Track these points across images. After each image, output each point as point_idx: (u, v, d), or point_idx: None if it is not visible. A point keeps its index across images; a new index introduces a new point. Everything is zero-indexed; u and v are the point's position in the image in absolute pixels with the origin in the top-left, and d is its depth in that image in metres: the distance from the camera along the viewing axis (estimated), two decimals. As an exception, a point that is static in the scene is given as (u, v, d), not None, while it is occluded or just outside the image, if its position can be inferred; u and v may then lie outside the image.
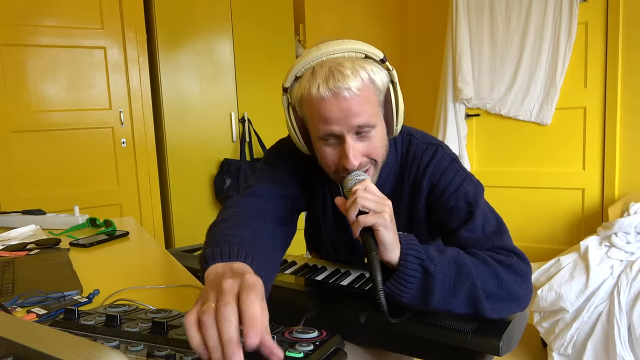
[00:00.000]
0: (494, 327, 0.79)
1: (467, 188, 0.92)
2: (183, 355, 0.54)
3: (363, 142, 0.87)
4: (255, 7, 2.98)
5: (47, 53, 2.49)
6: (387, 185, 0.98)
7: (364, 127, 0.85)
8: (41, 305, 0.80)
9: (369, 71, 0.85)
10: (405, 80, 3.76)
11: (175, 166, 2.83)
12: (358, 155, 0.86)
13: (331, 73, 0.82)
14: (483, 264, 0.83)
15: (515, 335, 0.83)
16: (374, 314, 0.85)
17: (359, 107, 0.83)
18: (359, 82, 0.83)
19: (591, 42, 2.69)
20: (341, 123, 0.83)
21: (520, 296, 0.84)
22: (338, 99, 0.82)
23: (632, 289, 1.70)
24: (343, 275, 1.08)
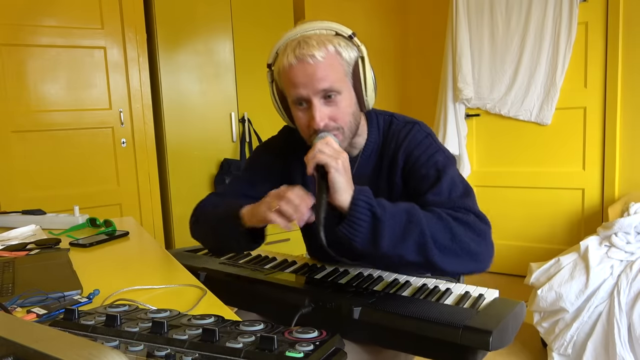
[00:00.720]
0: (486, 323, 0.80)
1: (437, 157, 0.99)
2: (183, 355, 0.54)
3: (330, 107, 0.94)
4: (255, 7, 2.98)
5: (47, 53, 2.49)
6: (369, 162, 1.06)
7: (329, 91, 0.93)
8: (41, 305, 0.80)
9: (336, 44, 0.94)
10: (405, 80, 3.76)
11: (175, 166, 2.83)
12: (324, 117, 0.94)
13: (298, 44, 0.93)
14: (437, 218, 0.88)
15: (509, 331, 0.83)
16: (368, 310, 0.87)
17: (323, 72, 0.91)
18: (323, 52, 0.92)
19: (591, 42, 2.69)
20: (307, 87, 0.92)
21: (478, 254, 0.88)
22: (303, 64, 0.92)
23: (632, 289, 1.70)
24: (341, 274, 1.08)
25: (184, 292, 0.91)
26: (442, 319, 0.82)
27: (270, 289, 1.02)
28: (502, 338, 0.80)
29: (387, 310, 0.86)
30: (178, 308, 0.70)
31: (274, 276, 1.08)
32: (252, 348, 0.54)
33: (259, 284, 1.04)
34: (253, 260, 1.23)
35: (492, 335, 0.76)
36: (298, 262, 1.19)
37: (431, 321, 0.82)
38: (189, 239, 2.78)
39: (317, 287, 1.01)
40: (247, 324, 0.61)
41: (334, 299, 0.92)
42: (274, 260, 1.23)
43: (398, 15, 3.73)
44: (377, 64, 4.18)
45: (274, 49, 1.00)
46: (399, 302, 0.90)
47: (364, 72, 0.97)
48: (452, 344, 0.79)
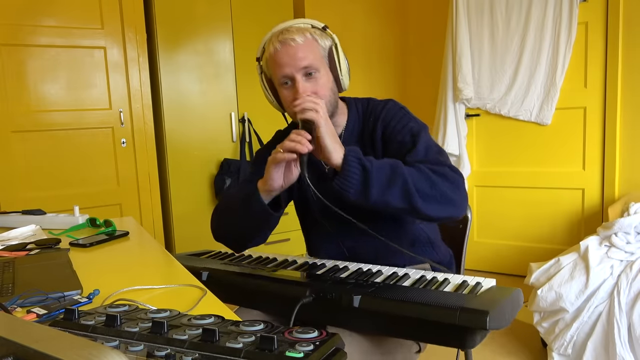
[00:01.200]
0: (482, 305, 0.82)
1: (411, 125, 1.12)
2: (183, 355, 0.54)
3: (310, 83, 1.08)
4: (255, 7, 2.98)
5: (47, 53, 2.49)
6: (352, 138, 1.18)
7: (309, 68, 1.07)
8: (41, 305, 0.80)
9: (312, 33, 1.10)
10: (405, 80, 3.76)
11: (175, 166, 2.83)
12: (306, 89, 1.07)
13: (281, 32, 1.10)
14: (417, 170, 1.00)
15: (506, 314, 0.85)
16: (368, 298, 0.89)
17: (303, 52, 1.06)
18: (302, 37, 1.07)
19: (591, 42, 2.69)
20: (290, 65, 1.07)
21: (454, 200, 1.01)
22: (286, 46, 1.07)
23: (632, 289, 1.70)
24: (341, 270, 1.10)
25: (184, 292, 0.91)
26: (440, 302, 0.84)
27: (271, 284, 1.04)
28: (499, 319, 0.82)
29: (387, 297, 0.88)
30: (178, 308, 0.70)
31: (274, 273, 1.09)
32: (252, 348, 0.54)
33: (260, 279, 1.06)
34: (254, 261, 1.24)
35: (489, 315, 0.78)
36: (298, 262, 1.20)
37: (429, 305, 0.84)
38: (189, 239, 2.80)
39: (318, 280, 1.03)
40: (247, 324, 0.61)
41: (335, 290, 0.94)
42: (275, 260, 1.23)
43: (398, 15, 3.73)
44: (377, 64, 4.18)
45: (261, 44, 1.16)
46: (398, 291, 0.92)
47: (337, 56, 1.11)
48: (450, 326, 0.81)
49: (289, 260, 1.21)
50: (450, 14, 3.06)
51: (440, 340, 0.87)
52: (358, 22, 3.57)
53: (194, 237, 2.89)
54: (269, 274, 1.07)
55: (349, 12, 3.53)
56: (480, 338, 0.84)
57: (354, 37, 3.55)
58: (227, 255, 1.33)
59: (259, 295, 1.06)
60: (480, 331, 0.82)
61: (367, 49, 3.60)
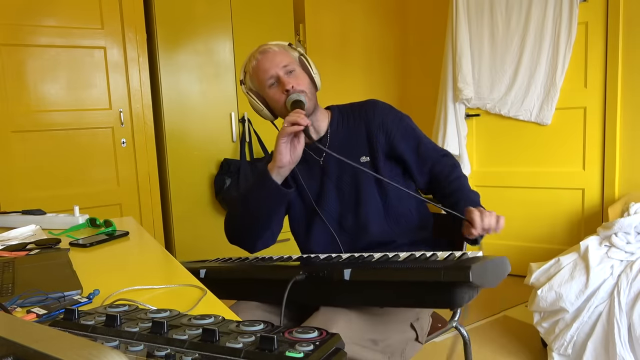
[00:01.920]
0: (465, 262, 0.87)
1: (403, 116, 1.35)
2: (183, 355, 0.54)
3: (291, 77, 1.25)
4: (255, 7, 2.98)
5: (47, 53, 2.49)
6: (340, 128, 1.34)
7: (288, 66, 1.26)
8: (41, 305, 0.80)
9: (282, 45, 1.31)
10: (405, 80, 3.76)
11: (175, 166, 2.83)
12: (291, 82, 1.24)
13: (259, 48, 1.31)
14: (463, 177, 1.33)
15: (490, 273, 0.90)
16: (358, 270, 0.93)
17: (281, 56, 1.27)
18: (277, 47, 1.29)
19: (591, 42, 2.69)
20: (273, 67, 1.25)
21: None
22: (266, 54, 1.27)
23: (632, 289, 1.70)
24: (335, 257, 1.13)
25: (184, 292, 0.91)
26: (425, 266, 0.89)
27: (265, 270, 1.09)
28: (483, 275, 0.85)
29: (376, 268, 0.93)
30: (178, 308, 0.70)
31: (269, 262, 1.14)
32: (252, 348, 0.54)
33: (255, 269, 1.10)
34: (253, 260, 1.25)
35: (472, 269, 0.82)
36: (294, 257, 1.22)
37: (415, 269, 0.89)
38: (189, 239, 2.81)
39: (310, 262, 1.07)
40: (247, 324, 0.61)
41: (326, 268, 0.98)
42: (271, 259, 1.25)
43: (398, 15, 3.73)
44: (377, 64, 4.18)
45: (242, 68, 1.37)
46: (387, 263, 0.97)
47: (306, 59, 1.30)
48: (437, 285, 0.85)
49: (284, 257, 1.23)
50: (450, 14, 3.06)
51: (429, 302, 0.92)
52: (358, 22, 3.57)
53: (193, 237, 2.89)
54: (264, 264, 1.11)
55: (348, 13, 3.53)
56: (468, 297, 0.88)
57: (353, 37, 3.55)
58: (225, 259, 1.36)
59: (255, 284, 1.11)
60: (467, 289, 0.86)
61: (367, 49, 3.60)
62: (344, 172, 1.29)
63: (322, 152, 1.31)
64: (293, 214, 1.37)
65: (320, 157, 1.31)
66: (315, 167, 1.32)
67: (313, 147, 1.31)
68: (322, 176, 1.31)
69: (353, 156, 1.27)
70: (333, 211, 1.30)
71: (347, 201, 1.29)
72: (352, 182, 1.29)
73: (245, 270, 1.11)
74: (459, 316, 1.34)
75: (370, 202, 1.27)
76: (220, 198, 2.89)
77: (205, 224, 2.93)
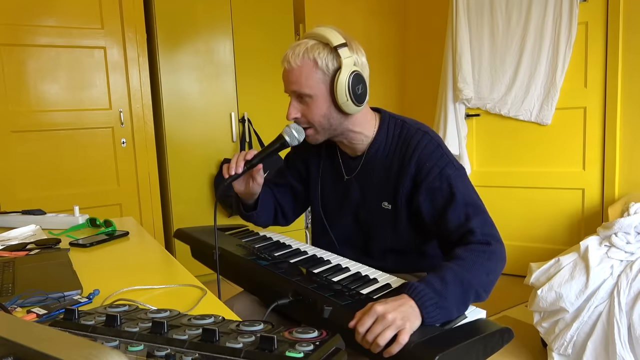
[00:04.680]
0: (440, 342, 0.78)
1: (449, 172, 1.07)
2: (183, 355, 0.54)
3: (302, 105, 1.10)
4: (255, 7, 2.98)
5: (47, 53, 2.49)
6: (377, 157, 1.16)
7: (298, 93, 1.08)
8: (41, 305, 0.80)
9: (314, 54, 1.06)
10: (405, 80, 3.76)
11: (175, 166, 2.83)
12: (294, 111, 1.10)
13: (290, 48, 1.09)
14: (475, 265, 0.96)
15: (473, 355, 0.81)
16: (339, 311, 0.87)
17: (294, 77, 1.07)
18: (299, 60, 1.06)
19: (591, 42, 2.69)
20: (285, 85, 1.10)
21: (499, 271, 1.00)
22: (284, 67, 1.09)
23: (632, 289, 1.70)
24: (340, 270, 1.08)
25: (184, 292, 0.91)
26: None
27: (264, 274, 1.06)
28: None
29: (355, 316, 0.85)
30: (178, 308, 0.70)
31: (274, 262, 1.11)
32: (252, 348, 0.54)
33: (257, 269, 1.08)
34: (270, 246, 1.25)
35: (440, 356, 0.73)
36: (309, 253, 1.19)
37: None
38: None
39: (307, 280, 1.01)
40: (247, 324, 0.61)
41: (314, 295, 0.93)
42: (289, 247, 1.24)
43: (398, 15, 3.73)
44: (377, 64, 4.17)
45: None
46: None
47: (338, 80, 1.05)
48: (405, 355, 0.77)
49: (300, 250, 1.21)
50: (450, 14, 3.06)
51: None
52: (358, 22, 3.57)
53: (194, 237, 2.89)
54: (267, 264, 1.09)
55: (348, 13, 3.53)
56: None
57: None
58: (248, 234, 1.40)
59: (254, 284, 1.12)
60: None
61: (367, 50, 3.57)
62: (365, 204, 1.20)
63: (351, 171, 1.20)
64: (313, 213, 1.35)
65: (348, 175, 1.22)
66: (340, 183, 1.24)
67: (345, 161, 1.22)
68: (344, 195, 1.23)
69: (376, 197, 1.17)
70: (346, 227, 1.25)
71: (359, 227, 1.23)
72: (370, 217, 1.20)
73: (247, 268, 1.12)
74: None
75: (381, 238, 1.20)
76: (220, 198, 2.90)
77: (205, 224, 2.93)
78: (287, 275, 1.03)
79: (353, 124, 1.14)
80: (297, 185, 1.35)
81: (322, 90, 1.08)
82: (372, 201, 1.17)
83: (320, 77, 1.07)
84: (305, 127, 1.12)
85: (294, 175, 1.34)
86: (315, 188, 1.29)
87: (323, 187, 1.27)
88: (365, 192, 1.18)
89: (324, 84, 1.07)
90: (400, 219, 1.14)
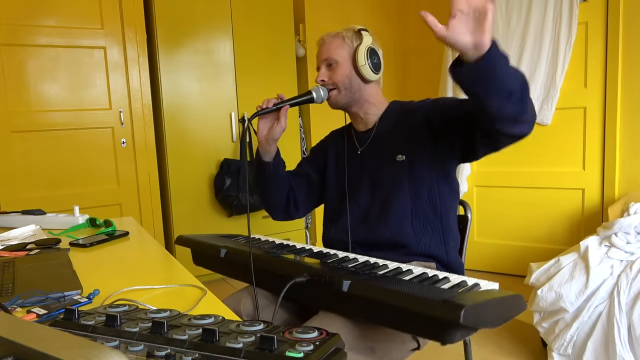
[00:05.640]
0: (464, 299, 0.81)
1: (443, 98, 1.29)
2: (183, 355, 0.54)
3: (329, 71, 1.32)
4: (255, 6, 2.98)
5: (47, 53, 2.49)
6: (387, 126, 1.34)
7: (328, 60, 1.31)
8: (41, 305, 0.80)
9: (343, 34, 1.33)
10: (406, 80, 3.76)
11: (175, 166, 2.83)
12: (323, 75, 1.32)
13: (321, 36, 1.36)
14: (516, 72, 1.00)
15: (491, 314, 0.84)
16: (357, 284, 0.91)
17: (326, 48, 1.32)
18: (332, 38, 1.33)
19: (591, 42, 2.69)
20: (319, 58, 1.34)
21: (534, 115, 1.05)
22: (319, 45, 1.35)
23: (632, 289, 1.70)
24: (349, 261, 1.11)
25: (184, 292, 0.91)
26: (424, 294, 0.83)
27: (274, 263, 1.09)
28: (478, 317, 0.80)
29: (375, 285, 0.89)
30: (178, 308, 0.70)
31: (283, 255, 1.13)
32: (252, 348, 0.54)
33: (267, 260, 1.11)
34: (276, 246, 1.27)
35: (465, 310, 0.76)
36: (314, 251, 1.22)
37: (414, 296, 0.84)
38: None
39: (319, 264, 1.05)
40: (247, 324, 0.61)
41: (329, 274, 0.96)
42: (294, 247, 1.26)
43: (398, 14, 3.73)
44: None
45: None
46: (390, 281, 0.92)
47: (357, 52, 1.30)
48: (430, 318, 0.80)
49: (305, 249, 1.23)
50: (450, 14, 3.06)
51: (421, 332, 0.87)
52: (358, 22, 3.57)
53: (194, 237, 2.89)
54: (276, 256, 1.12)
55: (348, 13, 3.53)
56: (461, 335, 0.83)
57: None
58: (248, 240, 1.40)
59: (264, 274, 1.12)
60: (460, 327, 0.81)
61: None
62: (381, 166, 1.31)
63: (363, 143, 1.36)
64: (327, 200, 1.44)
65: (361, 147, 1.36)
66: (355, 156, 1.37)
67: (358, 136, 1.38)
68: (360, 167, 1.36)
69: (390, 153, 1.29)
70: (363, 202, 1.33)
71: (378, 195, 1.30)
72: (387, 177, 1.29)
73: (256, 259, 1.12)
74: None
75: (400, 199, 1.26)
76: (220, 198, 2.89)
77: (205, 224, 2.93)
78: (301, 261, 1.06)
79: (369, 95, 1.34)
80: (313, 175, 1.46)
81: (346, 57, 1.31)
82: (386, 158, 1.29)
83: (346, 49, 1.31)
84: (330, 88, 1.30)
85: (312, 165, 1.47)
86: (333, 167, 1.42)
87: (339, 164, 1.41)
88: (378, 155, 1.31)
89: (347, 53, 1.31)
90: (415, 169, 1.25)
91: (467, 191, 3.13)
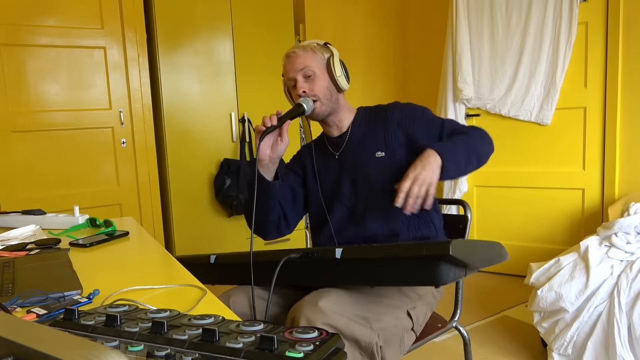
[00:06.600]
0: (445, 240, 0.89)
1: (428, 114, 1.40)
2: (183, 355, 0.54)
3: (308, 82, 1.34)
4: (255, 7, 2.98)
5: (47, 53, 2.49)
6: (360, 127, 1.42)
7: (305, 70, 1.33)
8: (41, 305, 0.80)
9: (312, 47, 1.37)
10: (406, 80, 3.76)
11: (175, 166, 2.83)
12: (303, 87, 1.33)
13: (289, 50, 1.39)
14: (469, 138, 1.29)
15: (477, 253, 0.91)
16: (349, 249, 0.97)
17: (301, 59, 1.34)
18: (302, 50, 1.36)
19: (591, 42, 2.69)
20: (292, 71, 1.35)
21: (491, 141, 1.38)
22: (290, 58, 1.36)
23: (632, 289, 1.70)
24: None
25: (184, 292, 0.91)
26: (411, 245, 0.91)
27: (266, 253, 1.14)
28: (467, 253, 0.86)
29: (366, 247, 0.97)
30: (178, 308, 0.70)
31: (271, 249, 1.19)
32: (252, 348, 0.54)
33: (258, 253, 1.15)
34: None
35: (452, 243, 0.82)
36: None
37: (401, 245, 0.92)
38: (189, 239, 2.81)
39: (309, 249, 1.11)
40: (247, 324, 0.61)
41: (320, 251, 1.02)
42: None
43: (398, 16, 3.73)
44: (377, 64, 4.17)
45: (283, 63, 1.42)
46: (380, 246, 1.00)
47: (332, 63, 1.35)
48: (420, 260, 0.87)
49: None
50: (450, 14, 3.06)
51: (414, 279, 0.93)
52: (358, 23, 3.57)
53: (194, 237, 2.89)
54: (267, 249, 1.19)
55: (348, 14, 3.53)
56: (454, 275, 0.89)
57: (353, 38, 3.55)
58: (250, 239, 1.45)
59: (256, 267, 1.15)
60: (452, 266, 0.86)
61: (367, 50, 3.60)
62: (360, 167, 1.36)
63: (339, 147, 1.41)
64: (311, 208, 1.47)
65: (337, 151, 1.41)
66: (332, 161, 1.42)
67: (332, 142, 1.43)
68: (340, 170, 1.40)
69: (369, 152, 1.36)
70: (347, 201, 1.38)
71: (360, 192, 1.36)
72: (368, 173, 1.35)
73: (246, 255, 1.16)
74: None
75: (383, 191, 1.32)
76: (220, 198, 2.89)
77: (205, 224, 2.93)
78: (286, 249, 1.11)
79: (343, 102, 1.42)
80: (296, 186, 1.47)
81: (322, 68, 1.35)
82: (366, 156, 1.35)
83: (319, 60, 1.36)
84: (313, 100, 1.33)
85: (293, 177, 1.49)
86: (312, 176, 1.45)
87: (319, 170, 1.45)
88: (357, 155, 1.37)
89: (322, 65, 1.36)
90: (395, 162, 1.33)
91: (467, 191, 3.13)
